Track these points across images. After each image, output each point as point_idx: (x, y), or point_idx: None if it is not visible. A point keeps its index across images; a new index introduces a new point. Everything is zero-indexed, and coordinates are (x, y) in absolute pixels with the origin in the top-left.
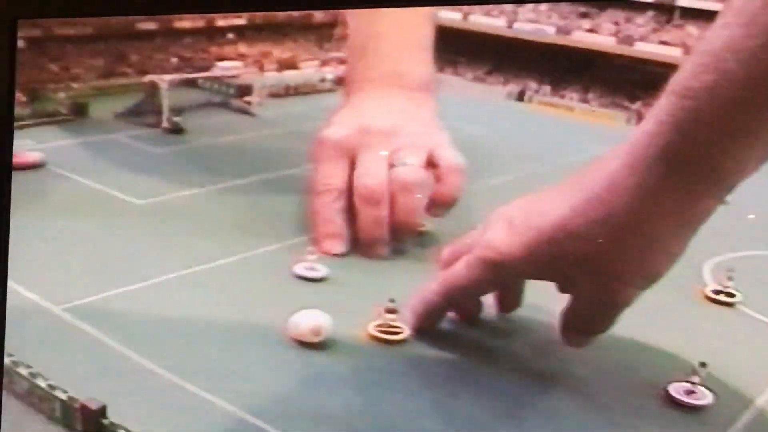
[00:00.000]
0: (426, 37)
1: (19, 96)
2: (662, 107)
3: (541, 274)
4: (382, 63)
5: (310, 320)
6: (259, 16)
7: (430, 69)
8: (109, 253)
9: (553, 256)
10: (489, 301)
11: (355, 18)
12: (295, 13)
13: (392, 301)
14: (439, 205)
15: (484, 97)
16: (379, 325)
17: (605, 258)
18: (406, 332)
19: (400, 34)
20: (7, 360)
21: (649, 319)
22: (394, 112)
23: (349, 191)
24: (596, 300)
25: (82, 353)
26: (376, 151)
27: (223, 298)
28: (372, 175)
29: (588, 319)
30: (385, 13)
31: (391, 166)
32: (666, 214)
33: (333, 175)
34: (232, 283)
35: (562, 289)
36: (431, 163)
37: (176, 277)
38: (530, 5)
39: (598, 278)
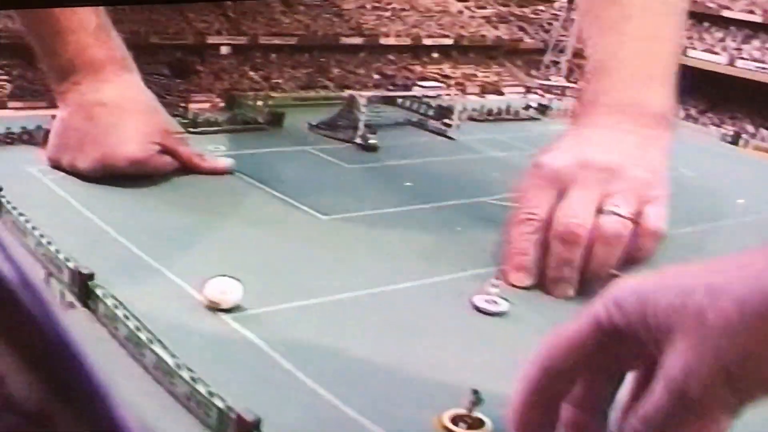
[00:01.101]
0: (671, 67)
1: (217, 101)
2: None
3: None
4: (621, 89)
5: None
6: (466, 37)
7: (671, 103)
8: (286, 266)
9: None
10: None
11: (596, 37)
12: (504, 36)
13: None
14: (625, 262)
15: (696, 137)
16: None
17: None
18: None
19: (646, 61)
20: (170, 361)
21: None
22: (622, 150)
23: (549, 223)
24: None
25: (244, 363)
26: (591, 188)
27: (396, 323)
28: (576, 215)
29: None
30: (630, 37)
31: (600, 210)
32: None
33: (538, 205)
34: (407, 308)
35: None
36: (637, 217)
37: (351, 296)
38: (758, 42)
39: None
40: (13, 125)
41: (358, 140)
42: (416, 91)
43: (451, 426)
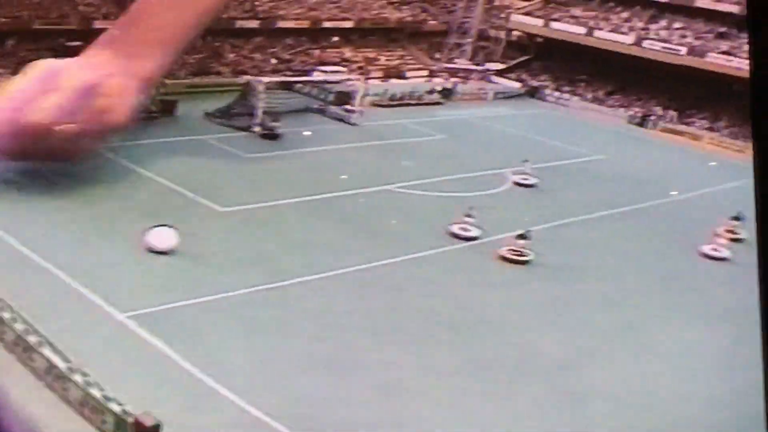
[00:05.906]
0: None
1: None
2: None
3: None
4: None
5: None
6: (368, 20)
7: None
8: (183, 261)
9: None
10: None
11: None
12: (407, 19)
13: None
14: None
15: (603, 120)
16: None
17: None
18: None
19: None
20: (62, 365)
21: None
22: None
23: None
24: None
25: (141, 365)
26: None
27: (300, 318)
28: None
29: None
30: None
31: None
32: None
33: None
34: (311, 302)
35: None
36: None
37: (252, 291)
38: (664, 22)
39: None
40: None
41: (257, 128)
42: (316, 77)
43: None
